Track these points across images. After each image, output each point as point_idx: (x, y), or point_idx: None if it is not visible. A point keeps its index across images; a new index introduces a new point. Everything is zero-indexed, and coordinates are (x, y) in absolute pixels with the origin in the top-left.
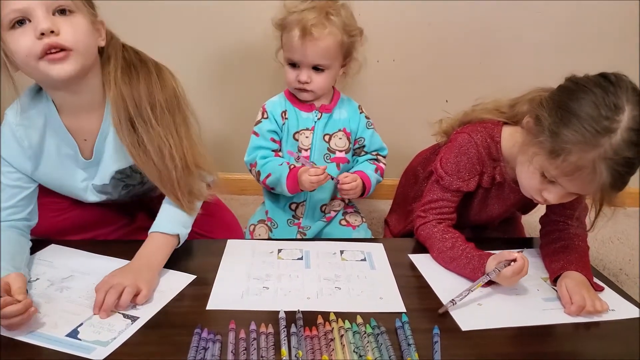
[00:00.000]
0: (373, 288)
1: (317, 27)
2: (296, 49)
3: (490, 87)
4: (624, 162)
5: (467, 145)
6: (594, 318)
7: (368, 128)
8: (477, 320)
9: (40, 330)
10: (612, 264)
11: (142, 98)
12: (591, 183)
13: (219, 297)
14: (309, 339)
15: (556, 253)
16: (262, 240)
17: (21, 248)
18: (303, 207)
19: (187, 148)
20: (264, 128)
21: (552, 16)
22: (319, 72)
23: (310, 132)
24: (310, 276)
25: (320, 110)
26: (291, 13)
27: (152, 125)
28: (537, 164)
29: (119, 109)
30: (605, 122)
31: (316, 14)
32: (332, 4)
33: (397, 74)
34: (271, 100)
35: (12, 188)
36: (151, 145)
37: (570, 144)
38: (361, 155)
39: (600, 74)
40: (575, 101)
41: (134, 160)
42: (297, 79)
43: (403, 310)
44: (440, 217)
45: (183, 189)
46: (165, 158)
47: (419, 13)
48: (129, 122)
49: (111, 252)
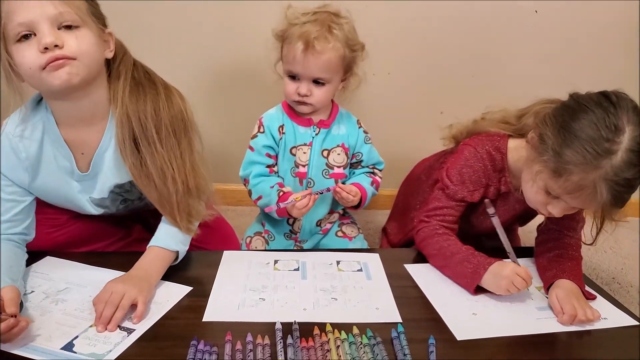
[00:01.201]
0: (369, 298)
1: (319, 40)
2: (297, 61)
3: (483, 98)
4: (624, 183)
5: (473, 159)
6: (587, 327)
7: (366, 143)
8: (472, 329)
9: (35, 343)
10: (605, 272)
11: (148, 119)
12: (593, 201)
13: (216, 309)
14: (306, 350)
15: (550, 262)
16: (258, 252)
17: (17, 260)
18: (300, 222)
19: (190, 172)
20: (260, 143)
21: (544, 28)
22: (319, 85)
23: (308, 147)
24: (306, 287)
25: (319, 125)
26: (293, 25)
27: (157, 148)
28: (541, 182)
29: (123, 128)
30: (606, 144)
31: (319, 27)
32: (334, 17)
33: (392, 86)
34: (269, 114)
35: (6, 202)
36: (154, 168)
37: (571, 164)
38: (358, 168)
39: (601, 93)
40: (577, 121)
41: (134, 180)
42: (297, 91)
43: (399, 320)
44: (444, 224)
45: (182, 211)
46: (167, 181)
47: (414, 26)
48: (133, 143)
49: (107, 264)
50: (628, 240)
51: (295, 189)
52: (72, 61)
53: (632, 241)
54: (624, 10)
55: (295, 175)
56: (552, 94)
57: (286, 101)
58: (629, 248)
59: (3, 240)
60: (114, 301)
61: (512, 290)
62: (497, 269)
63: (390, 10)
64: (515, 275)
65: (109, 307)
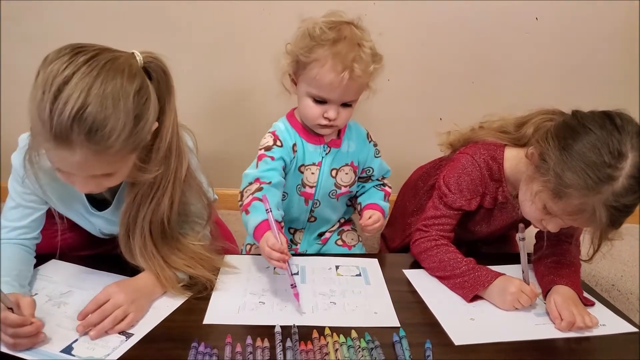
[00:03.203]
0: (368, 303)
1: (359, 63)
2: (333, 87)
3: (483, 105)
4: (622, 208)
5: (470, 167)
6: (585, 333)
7: (376, 157)
8: (469, 334)
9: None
10: (605, 279)
11: (147, 217)
12: (591, 223)
13: (216, 312)
14: (304, 353)
15: (548, 268)
16: (258, 256)
17: (27, 266)
18: (302, 233)
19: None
20: (279, 154)
21: (544, 35)
22: (347, 107)
23: (317, 167)
24: (305, 291)
25: (329, 145)
26: (321, 44)
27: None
28: (540, 202)
29: (125, 215)
30: (608, 170)
31: (351, 46)
32: (358, 32)
33: (392, 93)
34: (280, 130)
35: (25, 208)
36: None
37: (572, 188)
38: (368, 182)
39: (605, 113)
40: (580, 143)
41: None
42: (324, 115)
43: (397, 325)
44: (442, 233)
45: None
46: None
47: (413, 33)
48: (130, 230)
49: (112, 267)
50: (628, 247)
51: (300, 207)
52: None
53: (631, 248)
54: (625, 18)
55: (301, 194)
56: (552, 101)
57: (296, 117)
58: (628, 255)
59: (15, 245)
60: (106, 311)
61: (517, 307)
62: (504, 285)
63: (390, 17)
64: (522, 293)
65: (98, 316)
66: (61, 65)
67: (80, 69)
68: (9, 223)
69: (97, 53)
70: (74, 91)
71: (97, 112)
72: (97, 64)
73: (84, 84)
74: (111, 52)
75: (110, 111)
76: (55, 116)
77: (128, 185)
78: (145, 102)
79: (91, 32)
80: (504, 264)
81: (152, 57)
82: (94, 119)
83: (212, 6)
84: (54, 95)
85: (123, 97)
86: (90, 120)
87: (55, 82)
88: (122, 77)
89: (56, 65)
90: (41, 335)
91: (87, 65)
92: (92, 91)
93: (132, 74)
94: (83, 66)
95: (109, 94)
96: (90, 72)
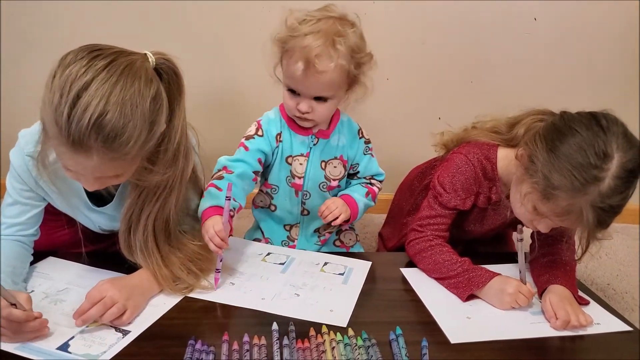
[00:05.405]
0: (330, 300)
1: (321, 58)
2: (298, 80)
3: (482, 105)
4: (609, 209)
5: (464, 166)
6: (580, 332)
7: (365, 154)
8: (465, 333)
9: (31, 342)
10: (600, 279)
11: (152, 215)
12: (579, 224)
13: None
14: (301, 351)
15: (543, 267)
16: (255, 243)
17: (22, 262)
18: (297, 228)
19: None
20: (256, 145)
21: (543, 35)
22: (321, 101)
23: (304, 158)
24: (278, 280)
25: (317, 135)
26: (293, 36)
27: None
28: (530, 203)
29: (128, 212)
30: (594, 171)
31: (321, 42)
32: (339, 27)
33: (390, 92)
34: (267, 117)
35: (22, 205)
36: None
37: (559, 189)
38: (354, 179)
39: (591, 114)
40: (566, 145)
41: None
42: (297, 108)
43: (343, 325)
44: (437, 233)
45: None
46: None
47: (413, 32)
48: (132, 227)
49: (109, 265)
50: (623, 247)
51: (291, 199)
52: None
53: (627, 247)
54: (624, 18)
55: (291, 185)
56: (551, 101)
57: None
58: (624, 254)
59: (12, 241)
60: (106, 304)
61: (514, 306)
62: (501, 285)
63: (389, 16)
64: (519, 294)
65: (96, 310)
66: (80, 69)
67: (99, 75)
68: (6, 219)
69: (115, 57)
70: (93, 98)
71: (116, 119)
72: (116, 69)
73: (104, 90)
74: (127, 55)
75: (129, 119)
76: (74, 122)
77: (132, 183)
78: (159, 108)
79: (91, 31)
80: (500, 263)
81: (164, 59)
82: (112, 127)
83: (212, 4)
84: (73, 100)
85: (140, 104)
86: (109, 127)
87: (73, 87)
88: (140, 83)
89: (74, 68)
90: (46, 329)
91: (106, 70)
92: (111, 98)
93: (149, 80)
94: (102, 72)
95: (128, 101)
96: (110, 79)
